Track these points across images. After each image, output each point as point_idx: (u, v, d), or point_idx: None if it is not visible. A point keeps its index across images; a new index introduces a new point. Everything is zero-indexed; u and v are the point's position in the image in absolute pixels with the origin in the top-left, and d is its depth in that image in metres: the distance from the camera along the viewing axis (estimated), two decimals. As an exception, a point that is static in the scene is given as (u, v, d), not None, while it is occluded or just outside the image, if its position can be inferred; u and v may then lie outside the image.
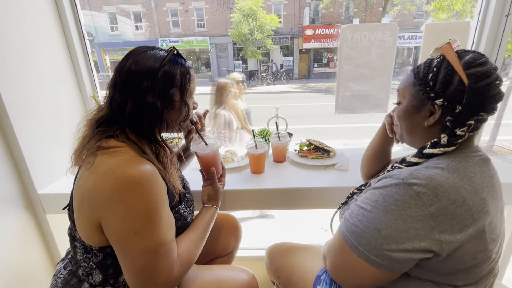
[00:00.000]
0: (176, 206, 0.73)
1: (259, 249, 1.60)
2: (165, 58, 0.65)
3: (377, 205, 0.55)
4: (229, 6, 16.63)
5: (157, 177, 0.60)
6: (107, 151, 0.60)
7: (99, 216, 0.58)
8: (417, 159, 0.61)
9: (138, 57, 0.65)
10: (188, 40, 17.25)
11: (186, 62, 0.71)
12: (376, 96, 1.30)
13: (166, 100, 0.66)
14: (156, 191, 0.59)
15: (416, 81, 0.62)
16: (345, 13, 16.98)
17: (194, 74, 0.73)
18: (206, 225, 0.82)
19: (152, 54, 0.66)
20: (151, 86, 0.63)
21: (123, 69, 0.64)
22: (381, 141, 0.91)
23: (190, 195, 0.85)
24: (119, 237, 0.58)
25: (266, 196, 1.04)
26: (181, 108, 0.70)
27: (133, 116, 0.63)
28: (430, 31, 1.19)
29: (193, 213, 0.82)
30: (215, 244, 1.09)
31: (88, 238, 0.63)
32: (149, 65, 0.64)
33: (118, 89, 0.64)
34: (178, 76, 0.67)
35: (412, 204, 0.51)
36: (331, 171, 1.14)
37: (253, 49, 15.15)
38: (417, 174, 0.54)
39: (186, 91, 0.70)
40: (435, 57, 0.62)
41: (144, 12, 16.99)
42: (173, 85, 0.67)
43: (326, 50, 17.48)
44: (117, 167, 0.57)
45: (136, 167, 0.58)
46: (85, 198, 0.59)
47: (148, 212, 0.57)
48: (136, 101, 0.63)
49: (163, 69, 0.65)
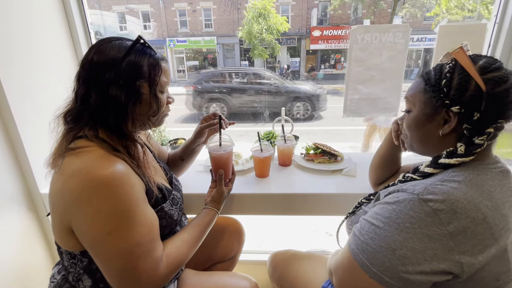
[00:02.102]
0: (160, 204, 0.71)
1: (262, 253, 1.57)
2: (129, 48, 0.62)
3: (389, 222, 0.51)
4: (236, 6, 16.65)
5: (128, 175, 0.58)
6: (74, 152, 0.58)
7: (69, 220, 0.56)
8: (432, 169, 0.57)
9: (101, 47, 0.62)
10: (195, 40, 17.32)
11: (157, 53, 0.67)
12: (386, 100, 1.26)
13: (131, 92, 0.62)
14: (126, 190, 0.56)
15: (427, 88, 0.59)
16: (353, 15, 16.81)
17: (166, 66, 0.70)
18: (202, 227, 0.79)
19: (116, 44, 0.63)
20: (114, 78, 0.60)
21: (86, 59, 0.62)
22: (389, 147, 0.88)
23: (178, 193, 0.82)
24: (91, 241, 0.56)
25: (270, 201, 1.01)
26: (150, 102, 0.66)
27: (97, 110, 0.60)
28: (444, 33, 1.15)
29: (180, 211, 0.80)
30: (217, 249, 1.07)
31: (64, 243, 0.61)
32: (112, 55, 0.61)
33: (81, 81, 0.62)
34: (146, 67, 0.64)
35: (428, 222, 0.48)
36: (338, 177, 1.10)
37: (260, 49, 15.13)
38: (432, 189, 0.50)
39: (156, 84, 0.66)
40: (445, 62, 0.59)
41: (153, 11, 17.13)
42: (139, 76, 0.63)
43: (333, 51, 17.34)
44: (82, 168, 0.55)
45: (103, 166, 0.55)
46: (55, 202, 0.58)
47: (119, 213, 0.55)
48: (99, 94, 0.60)
49: (128, 59, 0.61)
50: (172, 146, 1.34)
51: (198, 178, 1.12)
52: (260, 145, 1.09)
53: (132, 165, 0.62)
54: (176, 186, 0.85)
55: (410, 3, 14.71)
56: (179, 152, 1.04)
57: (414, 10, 14.55)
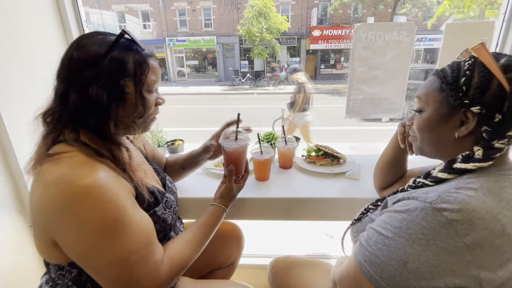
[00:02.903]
0: (152, 208, 0.66)
1: (262, 257, 1.53)
2: (112, 43, 0.57)
3: (400, 232, 0.48)
4: (236, 6, 16.61)
5: (111, 181, 0.53)
6: (52, 159, 0.53)
7: (52, 233, 0.52)
8: (446, 174, 0.53)
9: (82, 42, 0.57)
10: (195, 39, 17.29)
11: (144, 49, 0.62)
12: (390, 100, 1.22)
13: (114, 92, 0.57)
14: (110, 198, 0.51)
15: (444, 86, 0.55)
16: (353, 14, 16.79)
17: (155, 64, 0.64)
18: (209, 226, 0.76)
19: (98, 39, 0.58)
20: (94, 76, 0.55)
21: (66, 56, 0.57)
22: (395, 150, 0.84)
23: (171, 195, 0.78)
24: (79, 254, 0.52)
25: (271, 205, 0.97)
26: (136, 102, 0.60)
27: (77, 111, 0.55)
28: (450, 31, 1.11)
29: (175, 214, 0.76)
30: (215, 255, 1.02)
31: (49, 257, 0.57)
32: (93, 51, 0.56)
33: (60, 80, 0.57)
34: (131, 64, 0.58)
35: (443, 233, 0.44)
36: (341, 180, 1.06)
37: (260, 49, 15.10)
38: (447, 197, 0.46)
39: (142, 83, 0.60)
40: (462, 59, 0.55)
41: (152, 11, 17.09)
42: (123, 75, 0.58)
43: (333, 51, 17.31)
44: (60, 177, 0.50)
45: (83, 174, 0.50)
46: (35, 214, 0.53)
47: (105, 222, 0.51)
48: (78, 93, 0.55)
49: (110, 56, 0.56)
50: (169, 148, 1.30)
51: (196, 181, 1.08)
52: (260, 147, 1.05)
53: (117, 170, 0.58)
54: (170, 189, 0.81)
55: (410, 3, 14.69)
56: (180, 160, 1.00)
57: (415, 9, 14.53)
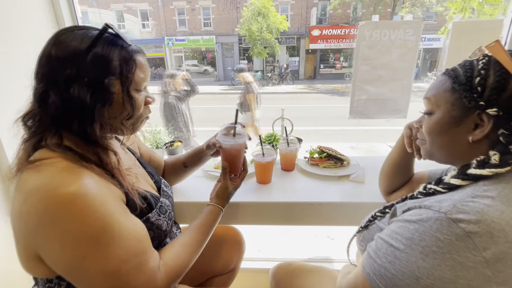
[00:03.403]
0: (145, 214, 0.62)
1: (262, 260, 1.50)
2: (95, 38, 0.52)
3: (412, 244, 0.44)
4: (235, 5, 16.56)
5: (97, 188, 0.50)
6: (32, 166, 0.49)
7: (35, 246, 0.48)
8: (460, 181, 0.50)
9: (61, 37, 0.52)
10: (194, 39, 17.23)
11: (130, 44, 0.57)
12: (395, 101, 1.19)
13: (99, 92, 0.52)
14: (96, 206, 0.48)
15: (456, 86, 0.51)
16: (353, 14, 16.77)
17: (143, 60, 0.59)
18: (205, 227, 0.72)
19: (79, 34, 0.53)
20: (76, 74, 0.50)
21: (43, 53, 0.52)
22: (401, 154, 0.80)
23: (166, 200, 0.74)
24: (66, 268, 0.48)
25: (273, 210, 0.93)
26: (123, 103, 0.56)
27: (57, 114, 0.51)
28: (458, 30, 1.08)
29: (170, 220, 0.72)
30: (215, 261, 0.99)
31: (34, 271, 0.53)
32: (73, 48, 0.51)
33: (39, 79, 0.52)
34: (116, 61, 0.54)
35: (460, 247, 0.40)
36: (346, 183, 1.03)
37: (260, 48, 15.07)
38: (463, 206, 0.43)
39: (130, 81, 0.56)
40: (475, 58, 0.52)
41: (151, 10, 17.01)
42: (108, 73, 0.53)
43: (332, 51, 17.30)
44: (41, 186, 0.46)
45: (66, 182, 0.47)
46: (15, 225, 0.50)
47: (93, 232, 0.47)
48: (58, 95, 0.50)
49: (93, 52, 0.51)
50: (168, 149, 1.26)
51: (195, 184, 1.05)
52: (261, 149, 1.01)
53: (105, 175, 0.54)
54: (165, 193, 0.78)
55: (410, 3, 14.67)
56: (182, 158, 0.96)
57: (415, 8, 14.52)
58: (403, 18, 14.16)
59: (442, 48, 15.16)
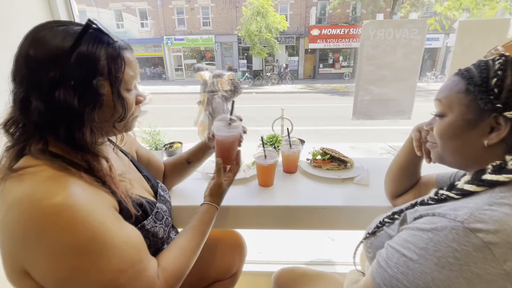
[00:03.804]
0: (140, 221, 0.59)
1: (263, 263, 1.48)
2: (78, 35, 0.48)
3: (426, 254, 0.42)
4: (235, 5, 16.52)
5: (87, 197, 0.46)
6: (16, 175, 0.45)
7: (20, 261, 0.45)
8: (475, 187, 0.47)
9: (39, 35, 0.47)
10: (193, 38, 17.18)
11: (117, 40, 0.53)
12: (400, 101, 1.17)
13: (87, 95, 0.48)
14: (86, 215, 0.44)
15: (470, 88, 0.49)
16: (352, 14, 16.76)
17: (131, 57, 0.55)
18: (201, 227, 0.69)
19: (60, 31, 0.48)
20: (60, 77, 0.46)
21: (20, 53, 0.47)
22: (408, 157, 0.78)
23: (163, 205, 0.71)
24: (56, 281, 0.45)
25: (276, 214, 0.91)
26: (114, 104, 0.53)
27: (42, 119, 0.47)
28: (464, 29, 1.05)
29: (167, 226, 0.69)
30: (216, 265, 0.96)
31: (19, 285, 0.49)
32: (55, 47, 0.46)
33: (18, 83, 0.48)
34: (104, 60, 0.49)
35: (479, 258, 0.38)
36: (350, 185, 1.00)
37: (259, 48, 15.04)
38: (480, 215, 0.40)
39: (120, 81, 0.52)
40: (490, 58, 0.50)
41: (150, 9, 16.95)
42: (96, 73, 0.49)
43: (332, 50, 17.29)
44: (23, 197, 0.43)
45: (51, 191, 0.43)
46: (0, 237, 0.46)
47: (82, 243, 0.44)
48: (42, 99, 0.46)
49: (78, 52, 0.47)
50: (167, 150, 1.24)
51: (194, 187, 1.02)
52: (264, 151, 0.99)
53: (94, 183, 0.50)
54: (162, 197, 0.75)
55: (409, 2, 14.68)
56: (185, 155, 0.94)
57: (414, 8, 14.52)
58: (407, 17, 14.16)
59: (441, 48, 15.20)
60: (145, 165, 0.86)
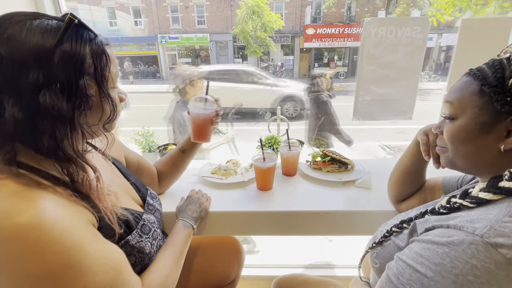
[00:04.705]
0: (123, 238, 0.54)
1: (261, 267, 1.44)
2: (61, 31, 0.42)
3: (442, 271, 0.39)
4: (230, 3, 16.41)
5: (60, 214, 0.41)
6: None
7: None
8: (491, 195, 0.44)
9: (11, 31, 0.40)
10: (188, 37, 17.02)
11: (97, 35, 0.48)
12: (401, 102, 1.14)
13: (75, 97, 0.44)
14: (58, 236, 0.38)
15: (485, 89, 0.46)
16: (347, 13, 16.81)
17: (112, 53, 0.51)
18: (174, 244, 0.68)
19: (36, 26, 0.42)
20: (44, 79, 0.40)
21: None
22: (414, 161, 0.75)
23: (151, 216, 0.66)
24: None
25: (277, 220, 0.87)
26: (102, 104, 0.49)
27: (18, 127, 0.40)
28: (467, 27, 1.03)
29: (155, 240, 0.64)
30: (215, 273, 0.93)
31: None
32: (34, 45, 0.41)
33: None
34: (89, 58, 0.45)
35: (501, 276, 0.35)
36: (351, 189, 0.97)
37: (255, 47, 14.99)
38: (501, 228, 0.37)
39: (106, 79, 0.49)
40: (504, 57, 0.46)
41: (144, 7, 16.73)
42: (83, 73, 0.45)
43: (327, 50, 17.33)
44: None
45: (14, 211, 0.37)
46: None
47: (53, 270, 0.38)
48: (21, 104, 0.40)
49: (61, 50, 0.42)
50: (161, 152, 1.19)
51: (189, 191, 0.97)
52: (262, 153, 0.95)
53: (71, 197, 0.44)
54: (151, 206, 0.70)
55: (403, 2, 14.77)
56: (178, 146, 0.94)
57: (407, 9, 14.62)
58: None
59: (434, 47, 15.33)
60: (135, 170, 0.82)
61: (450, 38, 12.83)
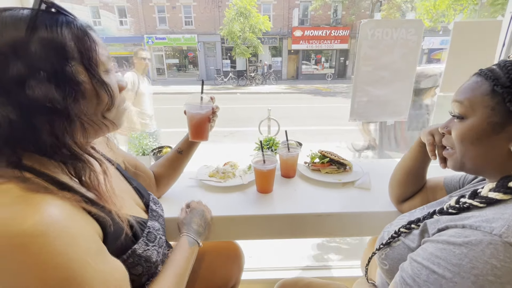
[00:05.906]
0: (130, 247, 0.51)
1: (261, 270, 1.42)
2: (31, 17, 0.40)
3: (461, 272, 0.38)
4: (217, 4, 16.34)
5: (65, 221, 0.38)
6: None
7: None
8: (502, 195, 0.44)
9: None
10: (175, 37, 16.80)
11: (75, 18, 0.45)
12: (396, 102, 1.16)
13: (64, 84, 0.41)
14: (61, 247, 0.36)
15: (498, 89, 0.46)
16: (333, 16, 17.12)
17: (97, 37, 0.47)
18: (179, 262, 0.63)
19: (7, 16, 0.39)
20: (26, 69, 0.38)
21: None
22: (416, 161, 0.75)
23: (155, 222, 0.62)
24: None
25: (279, 223, 0.85)
26: (97, 91, 0.46)
27: (16, 129, 0.38)
28: (459, 30, 1.05)
29: (161, 247, 0.60)
30: (216, 279, 0.90)
31: None
32: (9, 36, 0.38)
33: None
34: (70, 41, 0.42)
35: None
36: (351, 190, 0.97)
37: (243, 48, 14.98)
38: None
39: (95, 63, 0.45)
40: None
41: (129, 7, 16.38)
42: (67, 57, 0.41)
43: (314, 51, 17.57)
44: None
45: (18, 217, 0.35)
46: None
47: (54, 285, 0.35)
48: (10, 102, 0.38)
49: (37, 37, 0.39)
50: (155, 156, 1.15)
51: (188, 195, 0.94)
52: (262, 155, 0.93)
53: (79, 203, 0.41)
54: (155, 212, 0.67)
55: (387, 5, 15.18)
56: (175, 147, 0.91)
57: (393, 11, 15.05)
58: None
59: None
60: (133, 174, 0.78)
61: (432, 41, 13.30)
